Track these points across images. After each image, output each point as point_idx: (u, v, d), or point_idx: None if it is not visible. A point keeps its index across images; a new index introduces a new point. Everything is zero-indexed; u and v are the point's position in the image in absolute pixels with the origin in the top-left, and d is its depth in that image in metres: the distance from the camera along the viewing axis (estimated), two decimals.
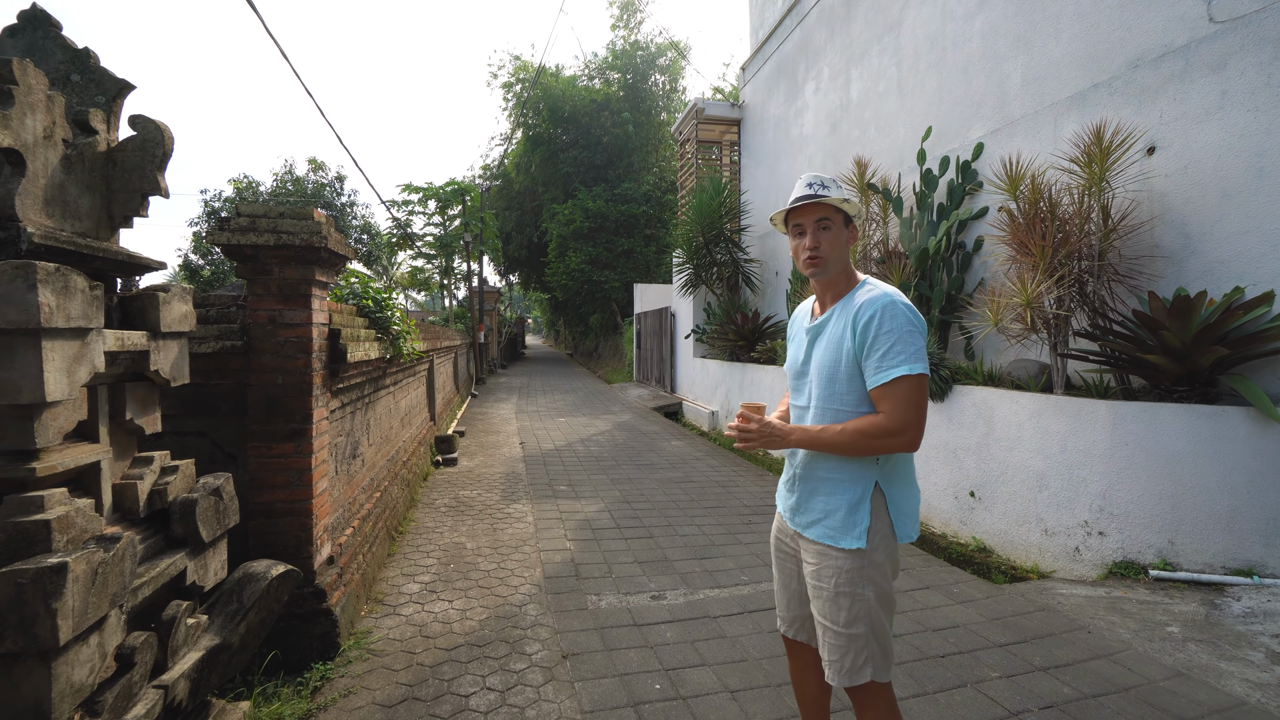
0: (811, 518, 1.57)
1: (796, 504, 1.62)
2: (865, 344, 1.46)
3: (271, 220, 2.35)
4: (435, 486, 5.46)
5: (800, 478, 1.62)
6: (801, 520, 1.60)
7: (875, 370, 1.44)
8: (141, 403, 1.77)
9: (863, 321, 1.47)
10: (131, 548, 1.47)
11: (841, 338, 1.51)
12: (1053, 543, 3.56)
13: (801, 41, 8.21)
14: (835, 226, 1.56)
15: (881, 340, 1.43)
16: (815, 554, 1.55)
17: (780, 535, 1.76)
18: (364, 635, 2.71)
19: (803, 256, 1.58)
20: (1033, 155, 4.37)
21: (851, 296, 1.56)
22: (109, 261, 1.64)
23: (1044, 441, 3.65)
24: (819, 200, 1.54)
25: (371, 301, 3.73)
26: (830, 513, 1.53)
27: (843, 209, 1.58)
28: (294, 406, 2.51)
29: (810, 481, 1.59)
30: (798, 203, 1.57)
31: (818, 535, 1.55)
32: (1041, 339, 3.91)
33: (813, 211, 1.56)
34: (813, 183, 1.58)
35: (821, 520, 1.54)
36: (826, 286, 1.61)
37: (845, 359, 1.50)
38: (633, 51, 24.03)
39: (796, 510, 1.62)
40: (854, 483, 1.52)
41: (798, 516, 1.61)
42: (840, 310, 1.56)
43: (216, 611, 1.99)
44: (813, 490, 1.58)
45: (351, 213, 30.78)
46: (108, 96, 1.67)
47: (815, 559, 1.55)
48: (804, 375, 1.64)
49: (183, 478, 1.88)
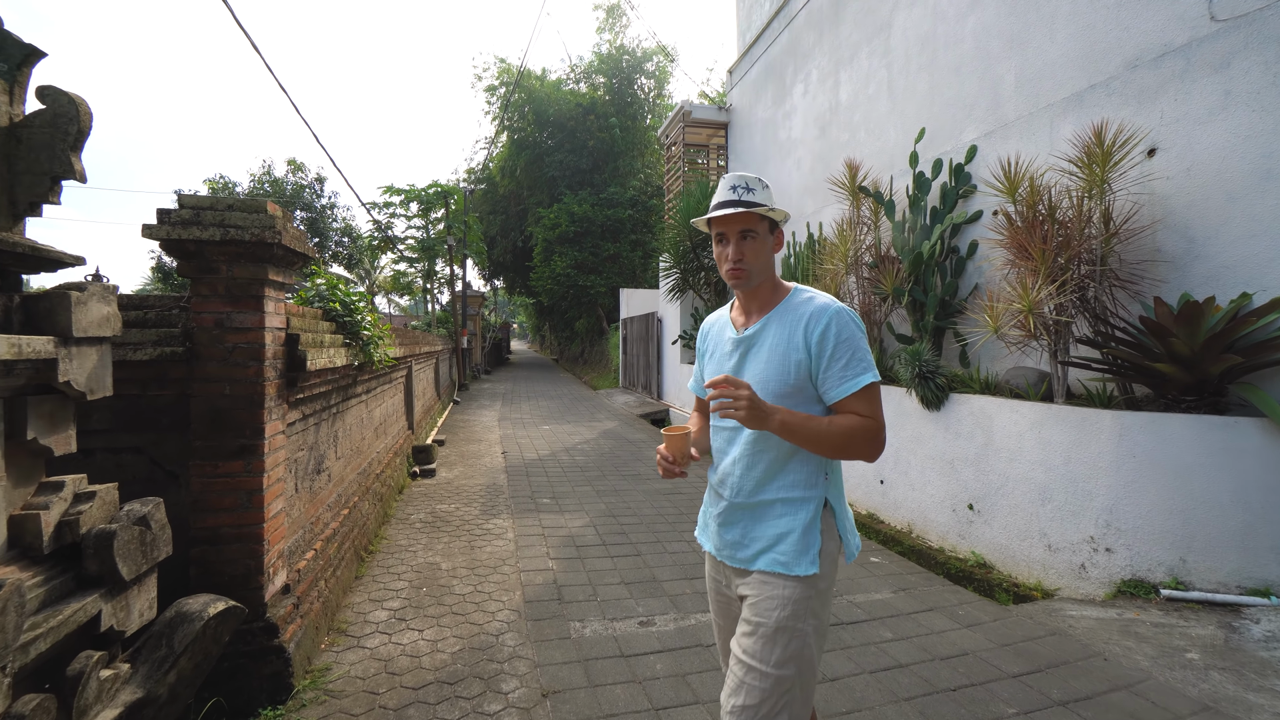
0: (759, 547, 1.41)
1: (740, 537, 1.45)
2: (824, 355, 1.37)
3: (218, 213, 2.11)
4: (411, 500, 5.19)
5: (744, 506, 1.45)
6: (745, 554, 1.43)
7: (840, 380, 1.36)
8: (49, 420, 1.53)
9: (817, 333, 1.37)
10: (17, 598, 1.23)
11: (787, 350, 1.40)
12: (1057, 559, 3.41)
13: (789, 44, 8.11)
14: (760, 235, 1.44)
15: (842, 349, 1.36)
16: (757, 584, 1.39)
17: (717, 579, 1.57)
18: (322, 673, 2.46)
19: (725, 268, 1.46)
20: (1029, 157, 4.26)
21: (789, 306, 1.45)
22: (7, 255, 1.39)
23: (1046, 453, 3.51)
24: (744, 209, 1.40)
25: (339, 304, 3.48)
26: (783, 537, 1.39)
27: (769, 216, 1.45)
28: (243, 420, 2.26)
29: (756, 508, 1.44)
30: (720, 210, 1.42)
31: (766, 564, 1.39)
32: (1041, 346, 3.78)
33: (737, 221, 1.43)
34: (737, 186, 1.45)
35: (772, 547, 1.40)
36: (751, 297, 1.51)
37: (795, 372, 1.39)
38: (618, 56, 23.94)
39: (739, 544, 1.45)
40: (806, 501, 1.41)
41: (741, 551, 1.44)
42: (777, 321, 1.45)
43: (142, 659, 1.74)
44: (759, 516, 1.43)
45: (332, 215, 30.24)
46: (10, 65, 1.43)
47: (756, 590, 1.39)
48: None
49: (100, 505, 1.64)
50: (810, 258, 6.68)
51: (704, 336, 1.67)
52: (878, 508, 4.96)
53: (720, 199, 1.45)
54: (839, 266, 5.64)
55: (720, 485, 1.50)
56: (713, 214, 1.43)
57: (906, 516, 4.61)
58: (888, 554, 4.19)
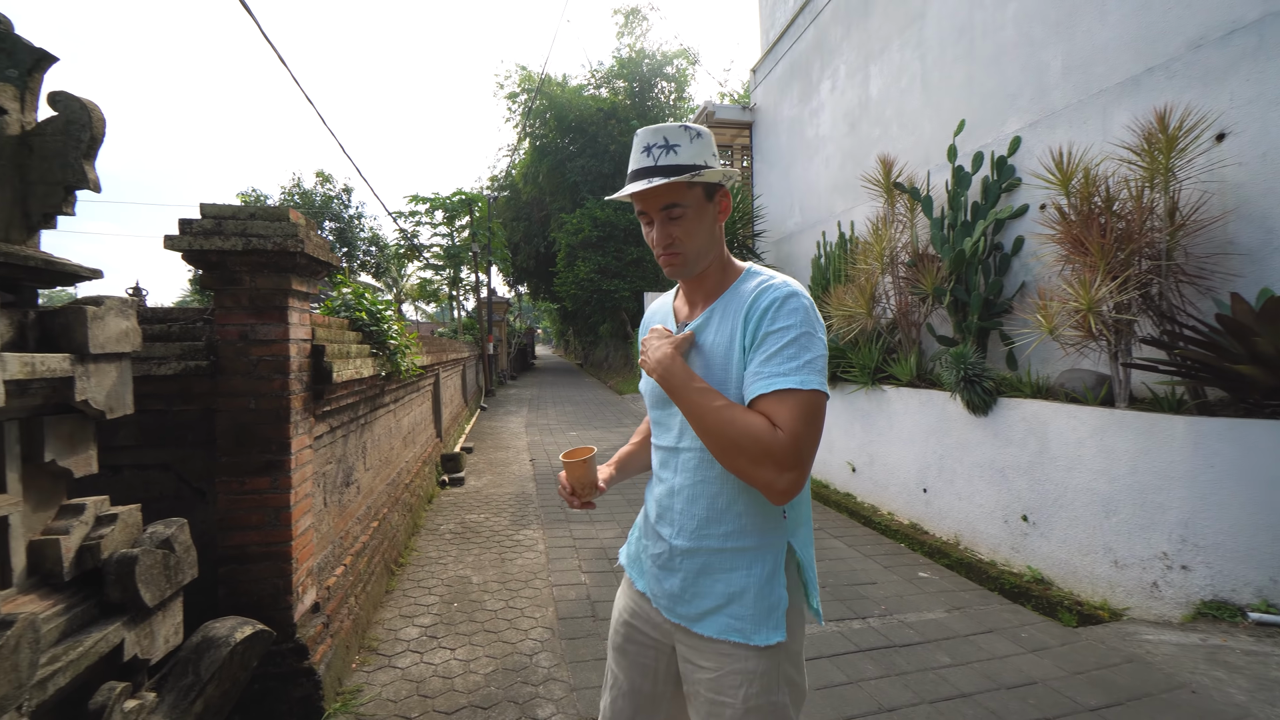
0: (706, 605, 1.10)
1: (680, 589, 1.13)
2: (758, 339, 1.04)
3: (240, 222, 2.05)
4: (440, 510, 5.14)
5: (684, 552, 1.13)
6: (689, 611, 1.12)
7: (757, 375, 1.01)
8: (68, 440, 1.46)
9: (756, 315, 1.05)
10: (31, 633, 1.15)
11: (730, 344, 1.09)
12: (1125, 576, 3.17)
13: (816, 40, 7.93)
14: (692, 207, 1.09)
15: (775, 337, 1.02)
16: (714, 657, 1.09)
17: (634, 621, 1.24)
18: (353, 695, 2.37)
19: (656, 253, 1.14)
20: (1080, 147, 4.02)
21: (735, 293, 1.13)
22: (19, 269, 1.33)
23: (1109, 461, 3.28)
24: (664, 180, 1.05)
25: (366, 314, 3.43)
26: (736, 596, 1.08)
27: (698, 182, 1.09)
28: (269, 435, 2.20)
29: (700, 555, 1.11)
30: (630, 184, 1.09)
31: (719, 631, 1.08)
32: (1101, 347, 3.54)
33: (655, 196, 1.09)
34: (653, 146, 1.08)
35: (723, 608, 1.09)
36: (698, 283, 1.18)
37: (736, 370, 1.07)
38: (639, 60, 23.92)
39: (679, 598, 1.13)
40: (764, 550, 1.09)
41: (683, 606, 1.13)
42: (721, 310, 1.13)
43: (168, 687, 1.66)
44: (705, 567, 1.11)
45: (359, 225, 30.82)
46: (21, 70, 1.37)
47: (714, 664, 1.09)
48: (669, 404, 1.16)
49: (123, 528, 1.57)
50: (842, 257, 6.47)
51: (645, 327, 1.33)
52: (921, 517, 4.73)
53: (635, 166, 1.10)
54: (874, 266, 5.44)
55: (659, 520, 1.18)
56: (626, 190, 1.08)
57: (953, 527, 4.38)
58: (935, 567, 3.98)
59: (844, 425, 5.79)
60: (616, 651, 1.28)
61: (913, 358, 5.02)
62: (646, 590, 1.22)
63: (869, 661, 2.64)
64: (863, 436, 5.49)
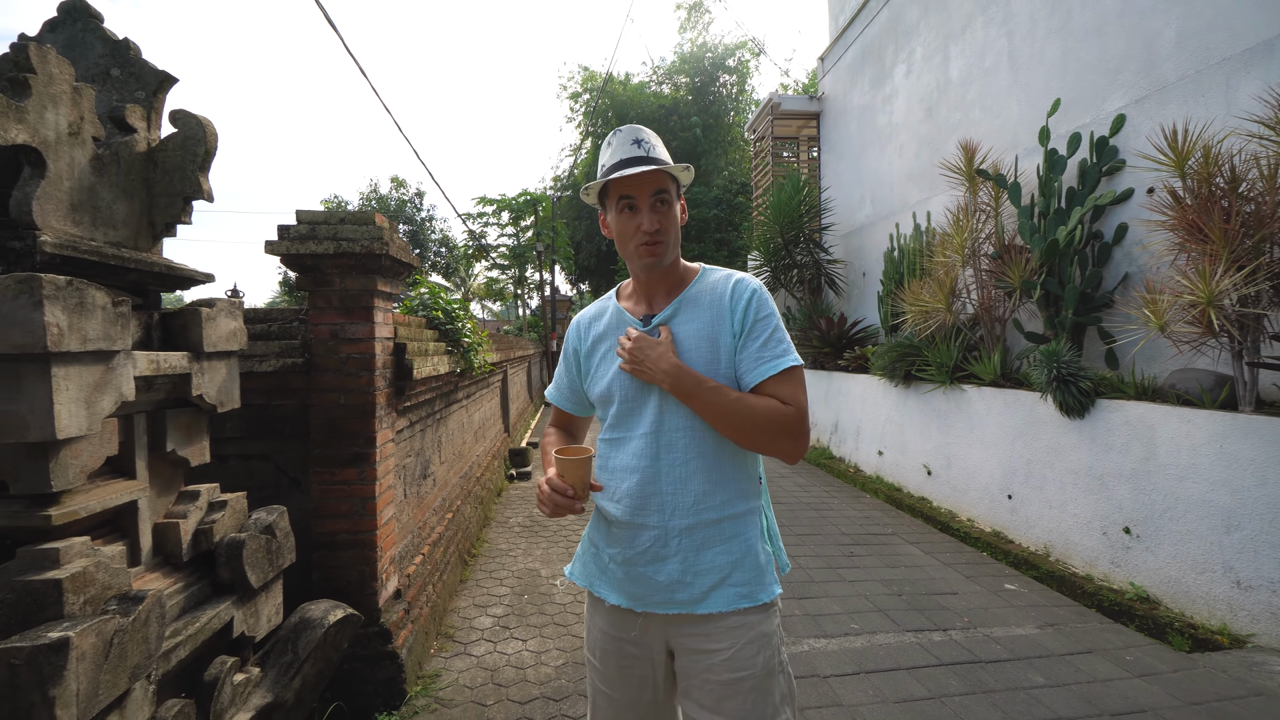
0: (711, 581, 1.13)
1: (679, 574, 1.14)
2: (742, 332, 1.16)
3: (331, 227, 2.17)
4: (509, 503, 5.29)
5: (682, 531, 1.14)
6: (689, 594, 1.13)
7: (758, 361, 1.14)
8: (186, 431, 1.59)
9: (741, 306, 1.17)
10: (159, 608, 1.25)
11: (715, 334, 1.17)
12: (1250, 599, 2.85)
13: (889, 22, 7.57)
14: (672, 201, 1.19)
15: (763, 325, 1.16)
16: (726, 635, 1.12)
17: (617, 635, 1.21)
18: (432, 679, 2.47)
19: (635, 242, 1.17)
20: (1198, 123, 3.63)
21: (704, 285, 1.23)
22: (147, 274, 1.45)
23: (1231, 471, 2.95)
24: (657, 167, 1.14)
25: (442, 313, 3.56)
26: (738, 563, 1.15)
27: (680, 178, 1.21)
28: (356, 429, 2.32)
29: (699, 530, 1.15)
30: (625, 168, 1.14)
31: (728, 602, 1.12)
32: (1221, 345, 3.19)
33: (650, 181, 1.16)
34: (642, 140, 1.18)
35: (727, 578, 1.14)
36: (662, 278, 1.24)
37: (726, 359, 1.16)
38: (700, 54, 23.68)
39: (679, 584, 1.14)
40: (753, 514, 1.19)
41: (682, 591, 1.14)
42: (691, 303, 1.21)
43: (270, 663, 1.78)
44: (705, 541, 1.15)
45: (430, 227, 32.18)
46: (148, 91, 1.50)
47: (728, 642, 1.11)
48: (647, 390, 1.19)
49: (231, 514, 1.69)
50: (918, 250, 6.17)
51: (582, 334, 1.34)
52: (1005, 525, 4.44)
53: (623, 155, 1.17)
54: (954, 259, 5.14)
55: (641, 510, 1.17)
56: (620, 173, 1.13)
57: (1042, 537, 4.08)
58: (1023, 579, 3.72)
59: (919, 426, 5.52)
60: (605, 671, 1.24)
61: (997, 355, 4.72)
62: (623, 601, 1.19)
63: (953, 677, 2.49)
64: (940, 438, 5.22)
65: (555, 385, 1.42)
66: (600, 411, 1.30)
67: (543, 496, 1.15)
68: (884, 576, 3.66)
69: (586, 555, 1.30)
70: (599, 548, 1.26)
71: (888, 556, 4.04)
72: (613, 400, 1.23)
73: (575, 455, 1.12)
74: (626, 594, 1.19)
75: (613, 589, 1.21)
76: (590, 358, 1.31)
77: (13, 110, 1.14)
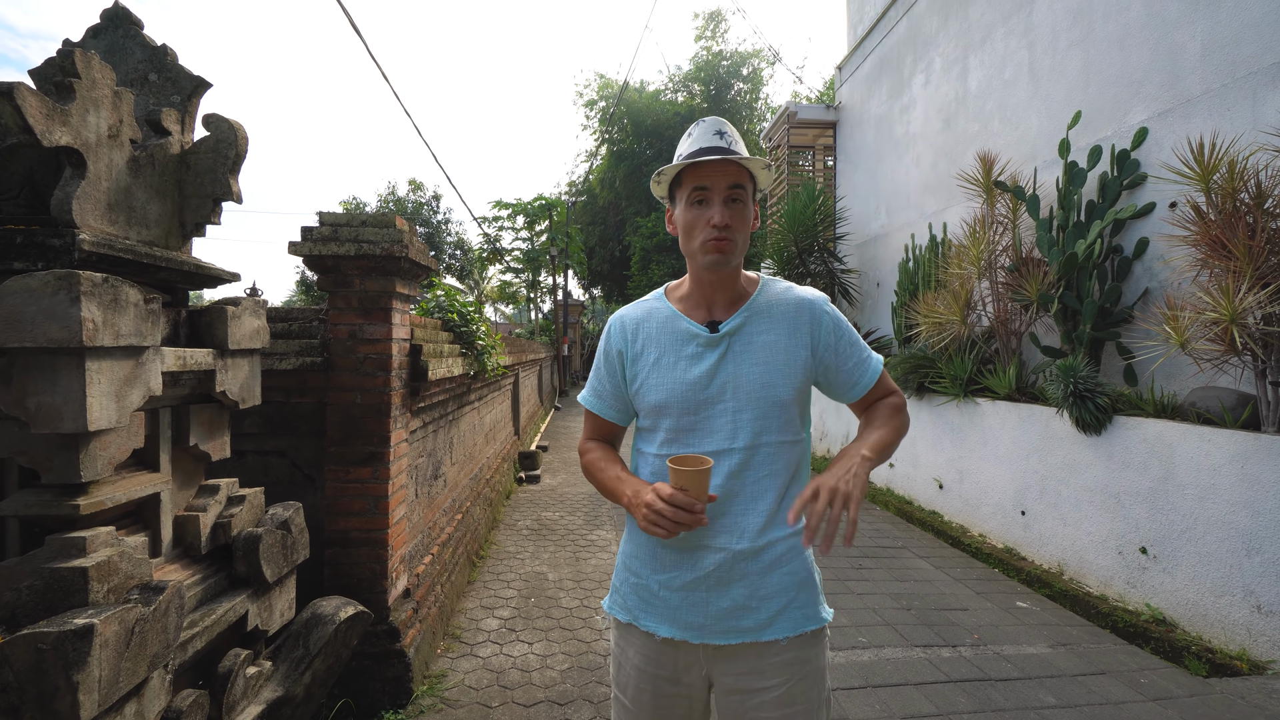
0: (777, 606, 1.07)
1: (745, 600, 1.07)
2: (836, 348, 1.17)
3: (353, 229, 2.21)
4: (518, 505, 5.31)
5: (751, 553, 1.07)
6: (752, 621, 1.07)
7: (862, 370, 1.18)
8: (208, 427, 1.62)
9: (824, 325, 1.16)
10: (178, 599, 1.28)
11: (791, 348, 1.13)
12: (1270, 624, 2.79)
13: (908, 33, 7.56)
14: (747, 199, 1.12)
15: (847, 336, 1.18)
16: (781, 669, 1.06)
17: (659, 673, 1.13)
18: (439, 679, 2.49)
19: (703, 236, 1.09)
20: (1223, 138, 3.59)
21: (771, 296, 1.18)
22: (176, 273, 1.49)
23: (1252, 493, 2.90)
24: (734, 158, 1.07)
25: (457, 315, 3.60)
26: (803, 582, 1.10)
27: (759, 175, 1.14)
28: (371, 428, 2.35)
29: (768, 550, 1.08)
30: (703, 156, 1.07)
31: (795, 625, 1.07)
32: (1244, 363, 3.14)
33: (726, 173, 1.08)
34: (724, 131, 1.11)
35: (794, 599, 1.08)
36: (726, 283, 1.16)
37: (801, 374, 1.13)
38: (715, 62, 23.78)
39: (744, 610, 1.07)
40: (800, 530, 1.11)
41: (746, 618, 1.07)
42: (763, 314, 1.15)
43: (281, 657, 1.81)
44: (773, 563, 1.08)
45: (446, 229, 32.48)
46: (183, 95, 1.54)
47: (781, 676, 1.06)
48: (715, 403, 1.11)
49: (249, 509, 1.72)
50: (933, 261, 6.13)
51: (629, 335, 1.21)
52: (1017, 542, 4.38)
53: (702, 144, 1.10)
54: (970, 270, 5.10)
55: (704, 533, 1.08)
56: (696, 159, 1.07)
57: (1055, 555, 4.02)
58: (1035, 597, 3.67)
59: (931, 439, 5.47)
60: (636, 712, 1.16)
61: (1012, 369, 4.67)
62: (676, 632, 1.10)
63: (961, 694, 2.46)
64: (952, 451, 5.17)
65: (594, 392, 1.27)
66: (648, 422, 1.19)
67: (660, 515, 1.00)
68: (893, 590, 3.63)
69: (625, 586, 1.19)
70: (642, 576, 1.16)
71: (897, 570, 4.00)
72: (668, 413, 1.14)
73: (695, 466, 1.01)
74: (682, 624, 1.10)
75: (664, 620, 1.12)
76: (637, 362, 1.19)
77: (57, 113, 1.18)
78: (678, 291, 1.25)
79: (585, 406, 1.28)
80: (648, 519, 1.02)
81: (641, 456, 1.21)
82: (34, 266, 1.23)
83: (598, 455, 1.25)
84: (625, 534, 1.23)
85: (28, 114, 1.13)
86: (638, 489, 1.09)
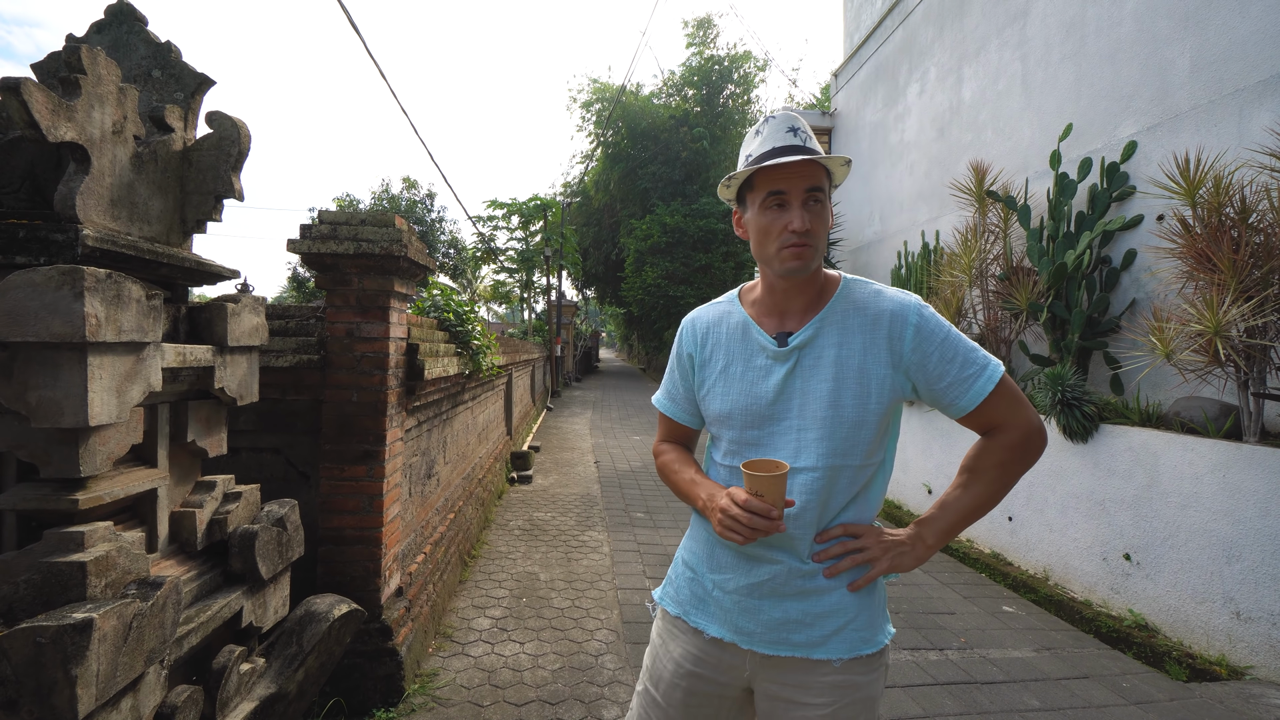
0: (834, 625, 1.02)
1: (801, 614, 1.03)
2: (930, 359, 1.01)
3: (353, 227, 2.22)
4: (510, 506, 5.31)
5: (806, 572, 1.03)
6: (806, 637, 1.02)
7: (968, 382, 1.00)
8: (205, 423, 1.63)
9: (910, 331, 1.02)
10: (175, 595, 1.28)
11: (865, 364, 1.02)
12: (1249, 631, 2.85)
13: (904, 42, 7.64)
14: (826, 200, 1.04)
15: (950, 344, 1.01)
16: (831, 689, 1.01)
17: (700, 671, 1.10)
18: (430, 678, 2.49)
19: (780, 242, 1.01)
20: (1209, 152, 3.66)
21: (849, 303, 1.06)
22: (177, 269, 1.50)
23: (1233, 501, 2.96)
24: (813, 157, 0.99)
25: (453, 315, 3.61)
26: (863, 604, 1.04)
27: (836, 173, 1.06)
28: (367, 426, 2.35)
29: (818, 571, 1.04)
30: (779, 157, 0.99)
31: (851, 647, 1.02)
32: (1227, 374, 3.20)
33: (805, 175, 1.00)
34: (798, 129, 1.02)
35: (851, 621, 1.02)
36: (800, 289, 1.07)
37: (878, 393, 1.01)
38: (708, 66, 23.91)
39: (800, 624, 1.03)
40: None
41: (800, 633, 1.03)
42: (837, 324, 1.05)
43: (275, 654, 1.81)
44: (833, 583, 1.04)
45: (440, 228, 32.36)
46: (186, 92, 1.55)
47: (829, 696, 1.01)
48: (779, 419, 1.06)
49: (245, 506, 1.72)
50: (925, 269, 6.19)
51: (699, 338, 1.17)
52: (1004, 547, 4.44)
53: (776, 144, 1.01)
54: (961, 278, 5.17)
55: (761, 545, 1.04)
56: (775, 160, 0.98)
57: (1041, 560, 4.08)
58: (1021, 602, 3.72)
59: (921, 444, 5.53)
60: (666, 709, 1.13)
61: None
62: (726, 634, 1.08)
63: (948, 696, 2.50)
64: (941, 457, 5.22)
65: (667, 394, 1.24)
66: (713, 430, 1.15)
67: (738, 521, 0.96)
68: None
69: (680, 580, 1.17)
70: (698, 573, 1.13)
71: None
72: (731, 424, 1.09)
73: (773, 471, 0.98)
74: (732, 627, 1.07)
75: (715, 619, 1.09)
76: (705, 368, 1.15)
77: (63, 109, 1.19)
78: (751, 294, 1.17)
79: (658, 409, 1.26)
80: (723, 524, 0.99)
81: (711, 464, 1.18)
82: (36, 261, 1.23)
83: (672, 458, 1.23)
84: (688, 531, 1.21)
85: (34, 109, 1.14)
86: (712, 493, 1.07)
